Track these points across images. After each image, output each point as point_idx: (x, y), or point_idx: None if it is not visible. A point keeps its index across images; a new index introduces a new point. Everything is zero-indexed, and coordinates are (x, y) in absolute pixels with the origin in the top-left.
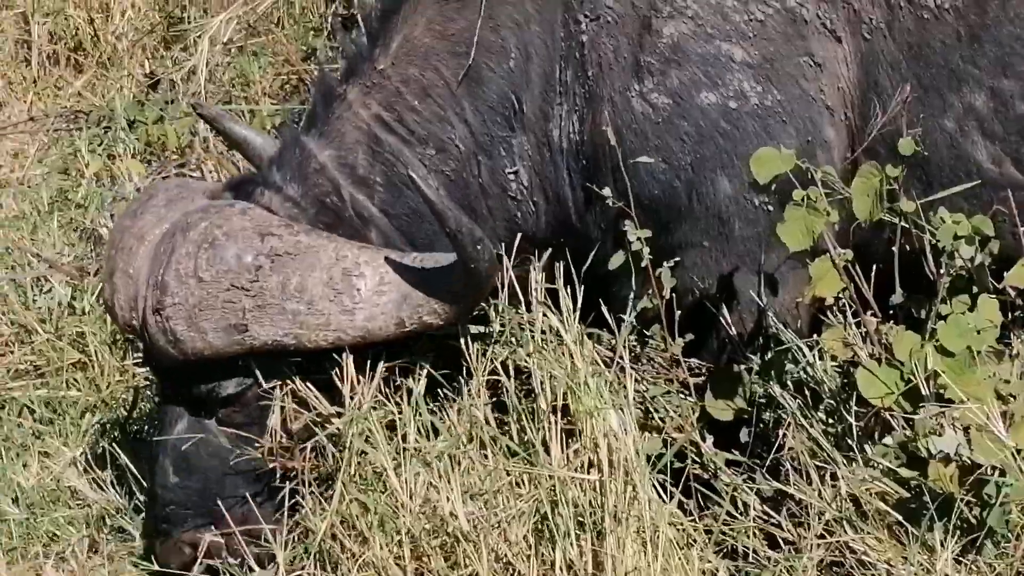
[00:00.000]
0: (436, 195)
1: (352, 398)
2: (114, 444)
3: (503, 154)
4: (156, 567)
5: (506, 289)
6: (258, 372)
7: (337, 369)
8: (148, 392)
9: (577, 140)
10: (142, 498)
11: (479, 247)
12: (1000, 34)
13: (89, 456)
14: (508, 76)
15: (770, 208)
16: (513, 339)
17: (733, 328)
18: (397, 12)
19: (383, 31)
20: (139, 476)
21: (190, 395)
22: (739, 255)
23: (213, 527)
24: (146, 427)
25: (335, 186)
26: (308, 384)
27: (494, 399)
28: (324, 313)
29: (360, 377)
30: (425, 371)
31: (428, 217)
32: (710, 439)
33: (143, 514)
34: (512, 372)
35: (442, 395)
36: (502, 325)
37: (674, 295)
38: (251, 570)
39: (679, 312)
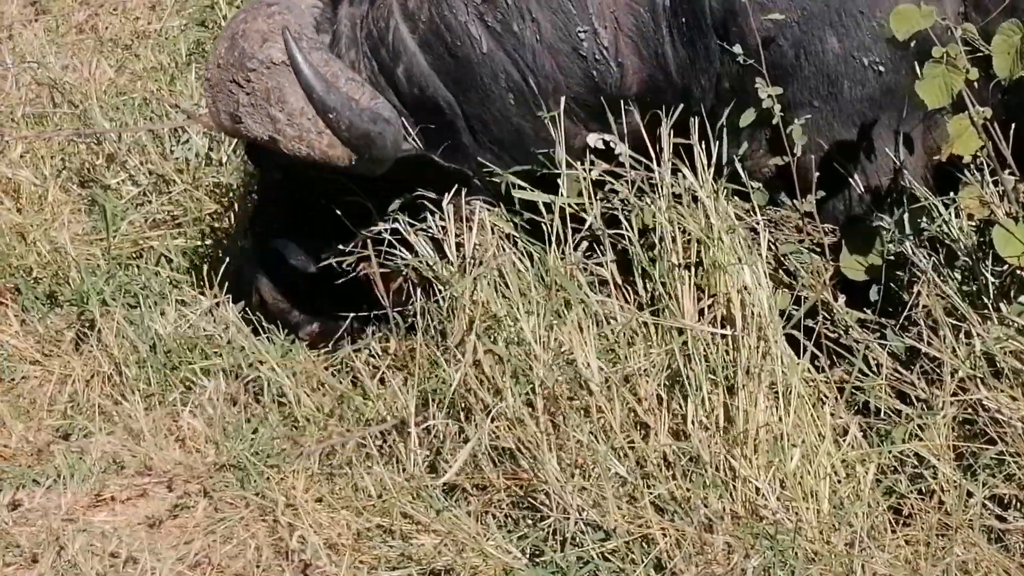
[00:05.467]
0: (306, 62)
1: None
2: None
3: (573, 11)
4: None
5: (562, 147)
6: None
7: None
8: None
9: (677, 0)
10: (278, 345)
11: (331, 116)
12: None
13: (227, 306)
14: None
15: (880, 69)
16: (640, 197)
17: (860, 187)
18: None
19: None
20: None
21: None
22: (850, 116)
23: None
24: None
25: (389, 12)
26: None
27: (618, 257)
28: (299, 128)
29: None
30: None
31: (473, 63)
32: (842, 298)
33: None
34: (636, 229)
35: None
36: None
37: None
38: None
39: (809, 171)
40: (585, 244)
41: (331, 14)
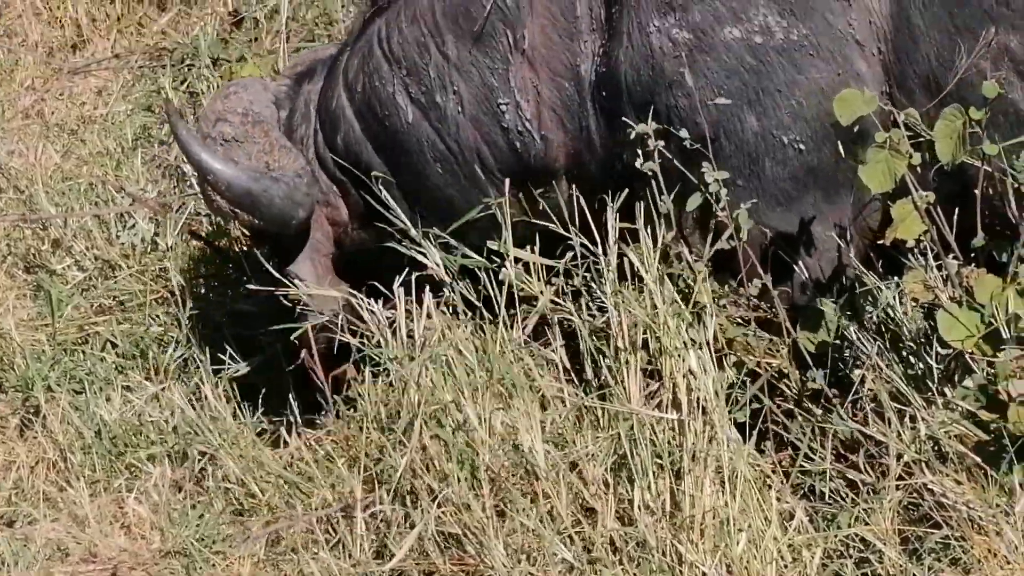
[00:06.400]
0: (184, 130)
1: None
2: (197, 379)
3: (495, 83)
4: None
5: (509, 225)
6: None
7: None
8: (227, 327)
9: (601, 74)
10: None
11: (210, 177)
12: None
13: (172, 392)
14: (502, 13)
15: (801, 147)
16: (588, 278)
17: (803, 270)
18: None
19: None
20: (222, 411)
21: None
22: (773, 195)
23: None
24: (225, 362)
25: (335, 83)
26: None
27: (568, 341)
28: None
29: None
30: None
31: (400, 132)
32: (795, 374)
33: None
34: (585, 312)
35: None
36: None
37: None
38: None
39: (744, 253)
40: (534, 323)
41: (294, 91)
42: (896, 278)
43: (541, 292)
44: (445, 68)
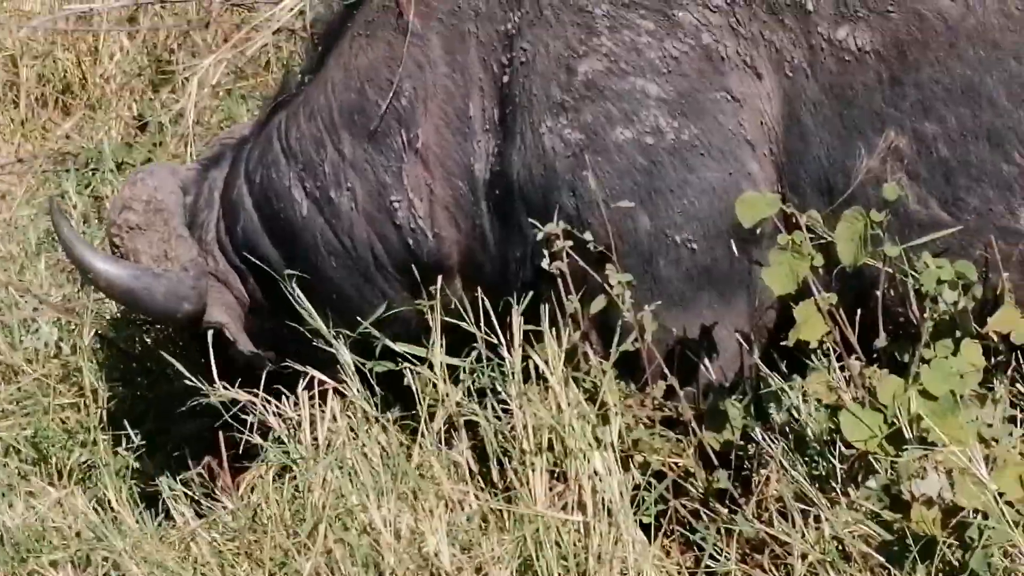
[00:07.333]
0: (66, 227)
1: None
2: (100, 484)
3: (388, 181)
4: None
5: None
6: None
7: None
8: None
9: (495, 174)
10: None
11: (90, 275)
12: (920, 78)
13: (75, 496)
14: (396, 112)
15: (694, 247)
16: (492, 380)
17: (710, 370)
18: (340, 32)
19: (324, 50)
20: (125, 517)
21: None
22: (669, 295)
23: None
24: (131, 465)
25: (237, 172)
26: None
27: (473, 443)
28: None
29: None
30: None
31: (296, 226)
32: (701, 473)
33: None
34: (491, 414)
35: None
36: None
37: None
38: None
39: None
40: (441, 425)
41: (201, 176)
42: (800, 378)
43: (447, 394)
44: (340, 165)
